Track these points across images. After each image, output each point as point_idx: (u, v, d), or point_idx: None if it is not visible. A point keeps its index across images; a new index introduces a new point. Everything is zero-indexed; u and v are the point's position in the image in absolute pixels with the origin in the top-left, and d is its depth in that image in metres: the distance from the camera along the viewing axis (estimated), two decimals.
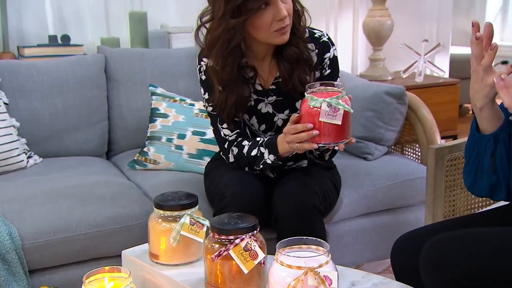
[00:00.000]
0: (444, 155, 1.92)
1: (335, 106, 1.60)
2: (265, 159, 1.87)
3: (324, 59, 1.95)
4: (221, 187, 1.96)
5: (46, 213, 2.02)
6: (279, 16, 1.77)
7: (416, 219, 2.43)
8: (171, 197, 1.60)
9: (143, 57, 2.76)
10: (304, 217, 1.87)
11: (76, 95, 2.61)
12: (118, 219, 2.06)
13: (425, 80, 3.30)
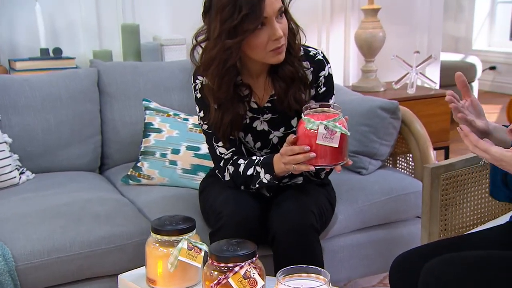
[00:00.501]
0: (439, 174, 1.91)
1: (332, 129, 1.59)
2: (261, 178, 1.86)
3: (319, 77, 1.94)
4: (217, 206, 1.93)
5: (40, 233, 1.98)
6: (274, 36, 1.75)
7: (411, 234, 2.42)
8: (168, 221, 1.59)
9: (136, 71, 2.72)
10: (301, 237, 1.85)
11: (69, 110, 2.57)
12: (113, 238, 2.02)
13: (417, 91, 3.29)
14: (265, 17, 1.74)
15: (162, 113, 2.56)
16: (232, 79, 1.86)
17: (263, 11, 1.72)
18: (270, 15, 1.75)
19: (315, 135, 1.60)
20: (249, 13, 1.71)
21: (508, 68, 6.69)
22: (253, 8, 1.71)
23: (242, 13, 1.71)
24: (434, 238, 1.95)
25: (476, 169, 1.99)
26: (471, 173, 1.99)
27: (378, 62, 3.38)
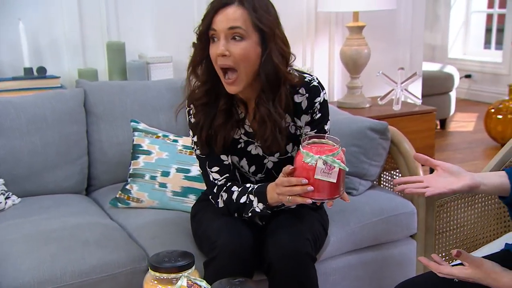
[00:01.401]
0: (434, 201, 1.90)
1: (331, 164, 1.54)
2: (254, 207, 1.82)
3: (314, 103, 1.90)
4: (211, 234, 1.88)
5: (29, 263, 1.90)
6: (216, 51, 1.76)
7: (402, 254, 2.40)
8: (167, 257, 1.52)
9: (123, 91, 2.65)
10: (297, 265, 1.82)
11: (55, 132, 2.49)
12: (105, 267, 1.95)
13: (401, 107, 3.28)
14: (215, 30, 1.76)
15: (151, 134, 2.50)
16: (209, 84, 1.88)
17: (212, 22, 1.76)
18: (219, 29, 1.76)
19: (313, 169, 1.55)
20: (202, 20, 1.79)
21: (483, 77, 6.74)
22: (206, 17, 1.78)
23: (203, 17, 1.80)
24: None
25: (468, 194, 1.97)
26: (463, 198, 1.97)
27: (363, 78, 3.36)
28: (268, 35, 1.78)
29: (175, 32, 3.20)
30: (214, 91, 1.87)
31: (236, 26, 1.74)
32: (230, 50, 1.75)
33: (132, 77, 2.95)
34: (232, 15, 1.74)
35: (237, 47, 1.76)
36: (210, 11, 1.76)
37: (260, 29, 1.77)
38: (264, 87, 1.82)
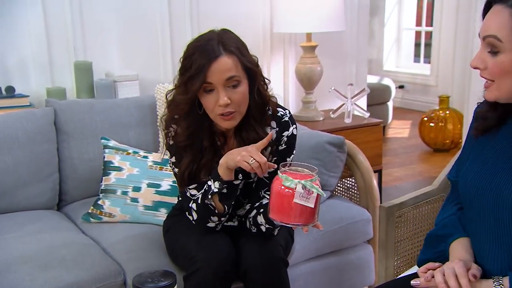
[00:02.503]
0: (394, 212, 1.88)
1: (309, 188, 1.50)
2: (212, 189, 1.74)
3: (282, 136, 1.86)
4: (190, 249, 1.82)
5: (6, 283, 1.79)
6: (218, 102, 1.69)
7: (360, 258, 2.41)
8: (149, 278, 1.46)
9: (92, 109, 2.54)
10: (272, 269, 1.80)
11: (26, 151, 2.37)
12: (82, 284, 1.85)
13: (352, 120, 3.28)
14: (211, 83, 1.68)
15: (121, 151, 2.41)
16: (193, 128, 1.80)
17: (207, 76, 1.67)
18: (217, 82, 1.69)
19: (291, 194, 1.50)
20: (193, 75, 1.68)
21: (414, 87, 6.86)
22: (198, 71, 1.67)
23: (189, 73, 1.68)
24: (390, 271, 1.92)
25: (424, 205, 1.97)
26: (419, 208, 1.96)
27: (317, 93, 3.36)
28: (254, 72, 1.76)
29: (140, 51, 3.12)
30: (197, 132, 1.80)
31: (232, 76, 1.70)
32: (231, 98, 1.70)
33: (99, 95, 2.84)
34: (225, 66, 1.68)
35: (236, 94, 1.72)
36: (201, 66, 1.66)
37: (248, 68, 1.74)
38: (254, 114, 1.80)
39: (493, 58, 1.32)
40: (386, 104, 5.54)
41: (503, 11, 1.30)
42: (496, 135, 1.48)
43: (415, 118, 6.14)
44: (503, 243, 1.40)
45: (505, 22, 1.29)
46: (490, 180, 1.43)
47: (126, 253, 2.02)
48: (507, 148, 1.44)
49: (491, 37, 1.31)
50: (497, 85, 1.35)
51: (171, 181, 2.31)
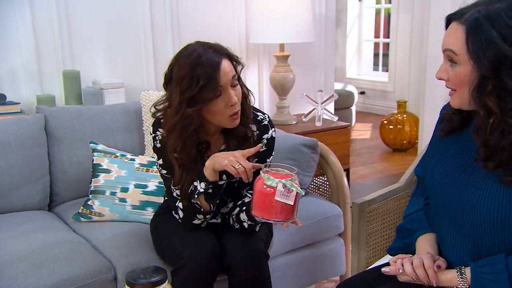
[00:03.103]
0: (365, 207, 1.88)
1: (289, 187, 1.49)
2: (198, 189, 1.71)
3: (262, 138, 1.85)
4: (176, 245, 1.79)
5: (2, 281, 1.74)
6: (230, 102, 1.67)
7: (332, 250, 2.39)
8: (142, 274, 1.40)
9: (81, 115, 2.47)
10: (254, 262, 1.79)
11: (19, 155, 2.29)
12: (75, 280, 1.81)
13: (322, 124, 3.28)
14: (221, 86, 1.65)
15: (109, 154, 2.35)
16: (195, 141, 1.74)
17: (219, 81, 1.64)
18: (226, 83, 1.66)
19: (272, 192, 1.48)
20: (206, 83, 1.62)
21: (374, 93, 6.91)
22: (210, 79, 1.62)
23: (200, 84, 1.62)
24: (362, 262, 1.91)
25: (392, 201, 1.97)
26: (388, 204, 1.96)
27: (289, 99, 3.34)
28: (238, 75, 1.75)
29: (125, 60, 3.06)
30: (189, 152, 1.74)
31: (234, 74, 1.70)
32: (238, 96, 1.70)
33: (87, 102, 2.78)
34: (228, 67, 1.67)
35: (238, 88, 1.73)
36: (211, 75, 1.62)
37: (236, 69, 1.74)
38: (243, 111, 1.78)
39: (453, 70, 1.34)
40: (350, 109, 5.56)
41: (458, 27, 1.32)
42: (460, 136, 1.49)
43: (375, 121, 6.18)
44: (465, 236, 1.41)
45: (459, 37, 1.30)
46: (453, 177, 1.44)
47: (116, 250, 1.98)
48: (469, 148, 1.44)
49: (448, 51, 1.33)
50: (458, 93, 1.37)
51: (157, 182, 2.26)
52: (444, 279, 1.39)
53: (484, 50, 1.27)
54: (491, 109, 1.29)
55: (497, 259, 1.33)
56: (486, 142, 1.31)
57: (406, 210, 1.67)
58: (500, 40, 1.26)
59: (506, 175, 1.30)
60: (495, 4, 1.29)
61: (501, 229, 1.33)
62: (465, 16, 1.31)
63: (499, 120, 1.29)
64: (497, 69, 1.27)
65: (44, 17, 2.80)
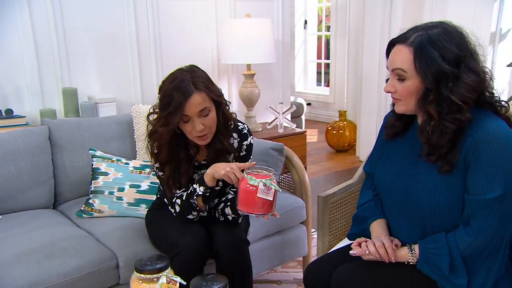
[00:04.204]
0: (328, 200, 1.88)
1: (269, 185, 1.49)
2: (197, 191, 1.71)
3: (242, 145, 1.84)
4: (171, 236, 1.76)
5: (20, 270, 1.68)
6: (195, 129, 1.65)
7: (296, 236, 2.38)
8: (148, 261, 1.37)
9: (80, 126, 2.40)
10: (238, 249, 1.79)
11: (27, 162, 2.21)
12: (83, 268, 1.76)
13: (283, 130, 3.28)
14: (187, 115, 1.63)
15: (107, 159, 2.29)
16: (172, 147, 1.72)
17: (184, 111, 1.61)
18: (192, 114, 1.63)
19: (255, 190, 1.49)
20: (172, 112, 1.61)
21: (318, 104, 6.96)
22: (176, 108, 1.61)
23: (168, 110, 1.61)
24: (326, 245, 1.91)
25: (347, 194, 1.98)
26: (345, 197, 1.97)
27: (256, 110, 3.33)
28: (219, 101, 1.71)
29: (115, 78, 3.00)
30: (175, 149, 1.73)
31: (203, 108, 1.64)
32: (204, 124, 1.66)
33: (84, 114, 2.71)
34: (197, 101, 1.62)
35: (207, 120, 1.67)
36: (178, 104, 1.59)
37: (215, 99, 1.69)
38: (220, 130, 1.75)
39: (401, 84, 1.36)
40: (301, 117, 5.57)
41: (404, 49, 1.33)
42: (402, 138, 1.52)
43: (320, 127, 6.23)
44: (412, 219, 1.44)
45: (407, 57, 1.33)
46: (399, 173, 1.47)
47: (117, 241, 1.94)
48: (410, 149, 1.47)
49: (398, 69, 1.35)
50: (404, 102, 1.39)
51: (149, 182, 2.22)
52: (399, 255, 1.42)
53: (429, 68, 1.30)
54: (432, 115, 1.32)
55: (439, 236, 1.37)
56: (429, 141, 1.34)
57: (358, 201, 1.68)
58: (440, 59, 1.29)
59: (443, 166, 1.34)
60: (433, 29, 1.32)
61: (439, 212, 1.37)
62: (409, 40, 1.33)
63: (438, 123, 1.32)
64: (437, 82, 1.30)
65: (45, 42, 2.71)
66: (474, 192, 1.31)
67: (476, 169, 1.29)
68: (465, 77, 1.29)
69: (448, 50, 1.29)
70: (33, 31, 2.67)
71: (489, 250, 1.32)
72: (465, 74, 1.29)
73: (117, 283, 1.86)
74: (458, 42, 1.31)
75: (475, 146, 1.29)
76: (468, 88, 1.29)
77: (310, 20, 7.10)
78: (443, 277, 1.34)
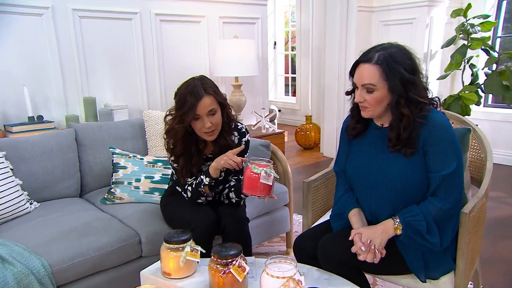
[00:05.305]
0: (311, 184, 1.92)
1: (269, 173, 1.55)
2: (204, 181, 1.77)
3: (241, 141, 1.89)
4: (186, 216, 1.80)
5: (63, 245, 1.72)
6: (204, 127, 1.71)
7: (281, 216, 2.44)
8: (175, 234, 1.44)
9: (100, 129, 2.43)
10: (240, 225, 1.83)
11: (59, 158, 2.23)
12: (113, 243, 1.81)
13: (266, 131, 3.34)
14: (198, 114, 1.68)
15: (125, 156, 2.32)
16: (185, 143, 1.77)
17: (196, 111, 1.67)
18: (202, 114, 1.69)
19: (257, 177, 1.54)
20: (186, 111, 1.66)
21: (286, 110, 7.04)
22: (189, 109, 1.66)
23: (183, 110, 1.67)
24: (309, 221, 1.94)
25: (324, 180, 2.01)
26: (323, 182, 2.01)
27: (243, 114, 3.40)
28: (224, 103, 1.77)
29: (126, 89, 3.03)
30: (188, 144, 1.79)
31: (212, 108, 1.70)
32: (212, 122, 1.71)
33: (101, 119, 2.73)
34: (207, 103, 1.68)
35: (214, 119, 1.73)
36: (192, 105, 1.65)
37: (221, 102, 1.75)
38: (224, 128, 1.80)
39: (370, 95, 1.40)
40: (274, 121, 5.64)
41: (371, 67, 1.38)
42: (364, 136, 1.57)
43: (290, 129, 6.30)
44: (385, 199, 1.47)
45: (374, 73, 1.38)
46: (369, 161, 1.52)
47: (137, 222, 1.98)
48: (372, 143, 1.53)
49: (367, 84, 1.39)
50: (372, 109, 1.43)
51: (161, 174, 2.25)
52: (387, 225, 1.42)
53: (396, 78, 1.36)
54: (407, 115, 1.38)
55: (412, 207, 1.41)
56: (399, 136, 1.41)
57: (335, 195, 1.70)
58: (404, 70, 1.37)
59: (407, 150, 1.40)
60: (391, 49, 1.39)
61: (409, 191, 1.42)
62: (373, 59, 1.38)
63: (412, 121, 1.38)
64: (405, 89, 1.38)
65: (68, 61, 2.73)
66: (436, 170, 1.39)
67: (434, 151, 1.38)
68: (420, 82, 1.39)
69: (406, 63, 1.38)
70: (59, 51, 2.69)
71: (453, 212, 1.41)
72: (419, 79, 1.40)
73: (140, 255, 1.90)
74: (410, 57, 1.40)
75: (429, 134, 1.38)
76: (424, 89, 1.40)
77: (278, 41, 7.20)
78: (422, 238, 1.39)
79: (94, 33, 2.81)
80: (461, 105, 3.85)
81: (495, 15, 4.32)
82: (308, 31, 6.29)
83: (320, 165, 4.58)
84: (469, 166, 1.90)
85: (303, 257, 1.62)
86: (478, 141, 1.88)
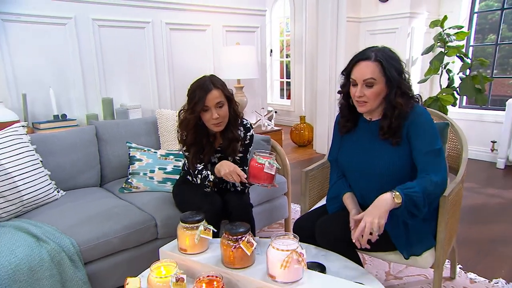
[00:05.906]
0: (308, 173, 1.96)
1: (272, 164, 1.57)
2: (209, 178, 1.81)
3: (246, 136, 1.91)
4: (196, 202, 1.83)
5: (89, 227, 1.76)
6: (212, 117, 1.73)
7: (280, 203, 2.46)
8: (190, 215, 1.49)
9: (118, 126, 2.47)
10: (245, 210, 1.84)
11: (82, 152, 2.27)
12: (132, 225, 1.85)
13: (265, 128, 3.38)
14: (207, 106, 1.70)
15: (140, 149, 2.36)
16: (196, 133, 1.79)
17: (205, 102, 1.70)
18: (210, 105, 1.72)
19: (262, 167, 1.57)
20: (197, 102, 1.69)
21: (282, 112, 7.07)
22: (199, 100, 1.69)
23: (194, 101, 1.70)
24: (307, 206, 1.96)
25: (320, 170, 2.03)
26: (318, 171, 2.03)
27: (245, 113, 3.43)
28: (230, 98, 1.79)
29: (140, 90, 3.07)
30: (199, 135, 1.82)
31: (219, 101, 1.73)
32: (219, 114, 1.73)
33: (118, 117, 2.77)
34: (215, 95, 1.71)
35: (222, 111, 1.75)
36: (201, 96, 1.67)
37: (228, 96, 1.77)
38: (231, 122, 1.82)
39: (370, 89, 1.44)
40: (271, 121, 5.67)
41: (371, 64, 1.43)
42: (355, 130, 1.61)
43: (285, 129, 6.29)
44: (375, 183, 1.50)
45: (374, 69, 1.42)
46: (360, 151, 1.57)
47: (153, 208, 2.01)
48: (362, 136, 1.58)
49: (369, 79, 1.43)
50: (370, 103, 1.46)
51: (172, 165, 2.29)
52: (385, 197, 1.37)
53: (393, 72, 1.42)
54: (400, 105, 1.42)
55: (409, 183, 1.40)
56: (390, 125, 1.45)
57: (330, 181, 1.73)
58: (398, 65, 1.44)
59: (394, 139, 1.44)
60: (384, 49, 1.46)
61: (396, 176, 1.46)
62: (372, 58, 1.43)
63: (404, 110, 1.42)
64: (400, 82, 1.43)
65: (88, 65, 2.77)
66: (423, 147, 1.41)
67: (419, 133, 1.42)
68: (408, 77, 1.46)
69: (397, 61, 1.45)
70: (80, 57, 2.73)
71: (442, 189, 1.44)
72: (407, 75, 1.46)
73: (156, 237, 1.94)
74: (398, 58, 1.47)
75: (412, 122, 1.43)
76: (410, 83, 1.46)
77: (274, 49, 7.24)
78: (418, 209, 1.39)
79: (111, 40, 2.85)
80: (439, 106, 3.92)
81: (467, 26, 4.40)
82: (301, 40, 6.34)
83: (313, 160, 4.62)
84: (447, 157, 1.95)
85: (302, 236, 1.61)
86: (455, 135, 1.94)
